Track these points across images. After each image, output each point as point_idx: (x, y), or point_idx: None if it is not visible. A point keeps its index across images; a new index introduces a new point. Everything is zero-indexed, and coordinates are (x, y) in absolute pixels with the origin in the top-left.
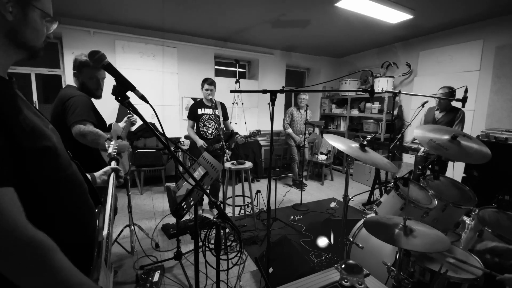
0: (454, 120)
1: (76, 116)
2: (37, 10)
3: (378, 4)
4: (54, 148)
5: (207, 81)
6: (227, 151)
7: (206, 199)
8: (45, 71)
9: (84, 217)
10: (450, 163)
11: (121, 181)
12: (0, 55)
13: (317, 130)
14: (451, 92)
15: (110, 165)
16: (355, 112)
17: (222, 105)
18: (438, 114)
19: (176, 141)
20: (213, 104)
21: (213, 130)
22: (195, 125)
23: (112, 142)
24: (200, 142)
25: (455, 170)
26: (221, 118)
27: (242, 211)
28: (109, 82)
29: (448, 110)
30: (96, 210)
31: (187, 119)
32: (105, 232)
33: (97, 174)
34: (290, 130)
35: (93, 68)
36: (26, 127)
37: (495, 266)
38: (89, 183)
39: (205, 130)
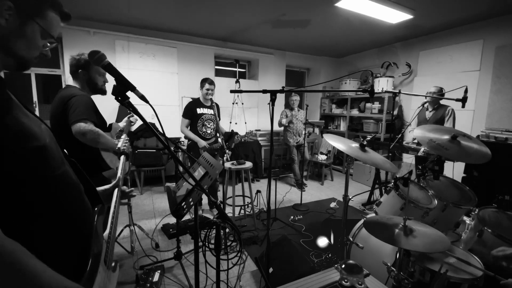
0: (444, 117)
1: (77, 114)
2: (37, 26)
3: (378, 4)
4: (45, 148)
5: (208, 81)
6: (227, 151)
7: (206, 199)
8: (45, 71)
9: (79, 217)
10: (449, 163)
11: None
12: None
13: (317, 130)
14: (440, 92)
15: (119, 159)
16: (355, 112)
17: (217, 105)
18: (428, 114)
19: (176, 141)
20: (211, 104)
21: (212, 130)
22: (191, 124)
23: (123, 137)
24: (203, 143)
25: (455, 170)
26: (217, 118)
27: (242, 211)
28: (109, 82)
29: (437, 108)
30: (96, 209)
31: (182, 117)
32: (106, 232)
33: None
34: (284, 121)
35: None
36: (13, 127)
37: (510, 272)
38: (87, 182)
39: (204, 130)
